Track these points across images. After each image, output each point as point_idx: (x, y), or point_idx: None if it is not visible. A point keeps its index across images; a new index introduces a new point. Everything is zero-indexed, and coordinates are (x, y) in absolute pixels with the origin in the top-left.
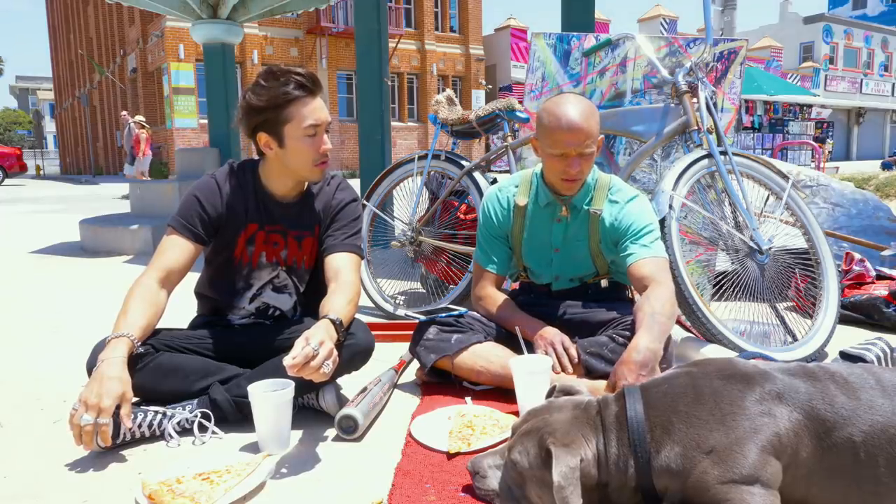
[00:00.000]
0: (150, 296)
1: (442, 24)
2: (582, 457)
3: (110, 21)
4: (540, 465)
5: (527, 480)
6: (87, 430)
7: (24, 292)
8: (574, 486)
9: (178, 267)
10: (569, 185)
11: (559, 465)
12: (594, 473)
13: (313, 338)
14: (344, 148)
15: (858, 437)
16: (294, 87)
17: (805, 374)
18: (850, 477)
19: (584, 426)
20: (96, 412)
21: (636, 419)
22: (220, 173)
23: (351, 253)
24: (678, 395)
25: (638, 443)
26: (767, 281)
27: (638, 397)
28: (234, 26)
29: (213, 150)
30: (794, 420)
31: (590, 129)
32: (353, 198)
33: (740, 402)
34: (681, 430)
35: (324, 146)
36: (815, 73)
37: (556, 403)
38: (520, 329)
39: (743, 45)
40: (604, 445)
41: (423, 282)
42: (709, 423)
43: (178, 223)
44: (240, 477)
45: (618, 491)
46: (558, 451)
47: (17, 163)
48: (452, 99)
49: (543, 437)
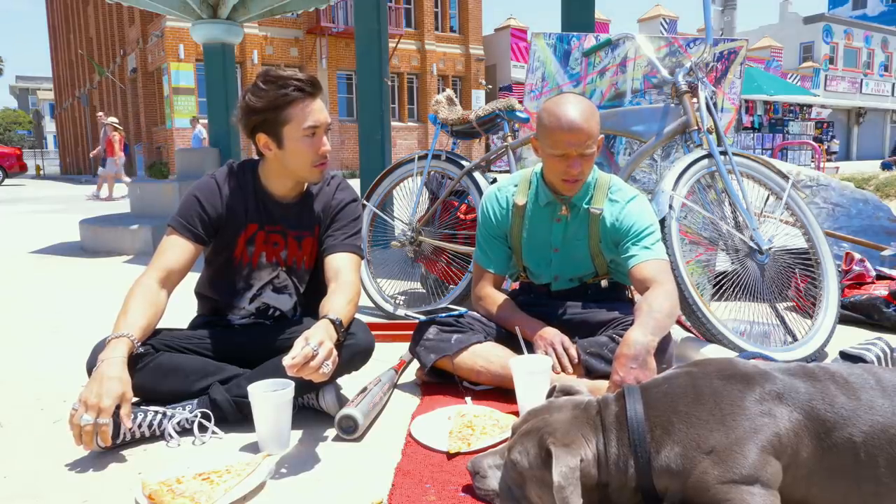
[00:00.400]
0: (151, 296)
1: (442, 24)
2: (582, 457)
3: (110, 21)
4: (540, 466)
5: (527, 480)
6: (86, 430)
7: (24, 292)
8: (574, 486)
9: (179, 267)
10: (569, 185)
11: (559, 466)
12: (594, 473)
13: (313, 338)
14: (344, 148)
15: (859, 438)
16: (293, 89)
17: (805, 374)
18: (850, 477)
19: (584, 426)
20: (96, 412)
21: (636, 419)
22: (220, 173)
23: (351, 253)
24: (678, 395)
25: (638, 443)
26: (767, 281)
27: (638, 397)
28: (234, 26)
29: (213, 150)
30: (795, 420)
31: (590, 130)
32: (352, 198)
33: (740, 403)
34: (681, 431)
35: (323, 147)
36: (815, 73)
37: (556, 403)
38: (520, 329)
39: (743, 45)
40: (604, 445)
41: (423, 282)
42: (709, 424)
43: (178, 223)
44: (240, 477)
45: (618, 491)
46: (558, 451)
47: (17, 163)
48: (452, 99)
49: (543, 438)
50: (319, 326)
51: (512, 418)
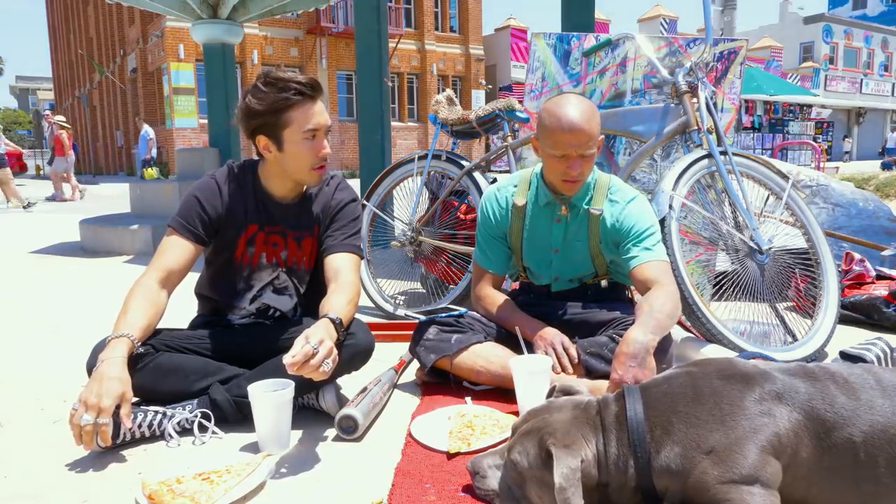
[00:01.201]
0: (151, 296)
1: (442, 24)
2: (583, 458)
3: (110, 21)
4: (540, 466)
5: (527, 480)
6: (87, 430)
7: (24, 292)
8: (575, 487)
9: (179, 267)
10: (569, 185)
11: (560, 467)
12: (594, 474)
13: (313, 336)
14: (344, 148)
15: (858, 438)
16: (294, 92)
17: (805, 374)
18: (849, 477)
19: (585, 426)
20: (96, 412)
21: (636, 419)
22: (220, 174)
23: (350, 253)
24: (678, 395)
25: (638, 443)
26: (767, 281)
27: (638, 397)
28: (234, 26)
29: (213, 150)
30: (794, 420)
31: (591, 131)
32: (352, 198)
33: (740, 403)
34: (681, 431)
35: (323, 150)
36: (815, 73)
37: (556, 403)
38: (520, 329)
39: (743, 45)
40: (604, 446)
41: (423, 282)
42: (709, 424)
43: (178, 224)
44: (240, 477)
45: (618, 491)
46: (559, 451)
47: (17, 163)
48: (452, 99)
49: (544, 438)
50: (319, 325)
51: (512, 418)
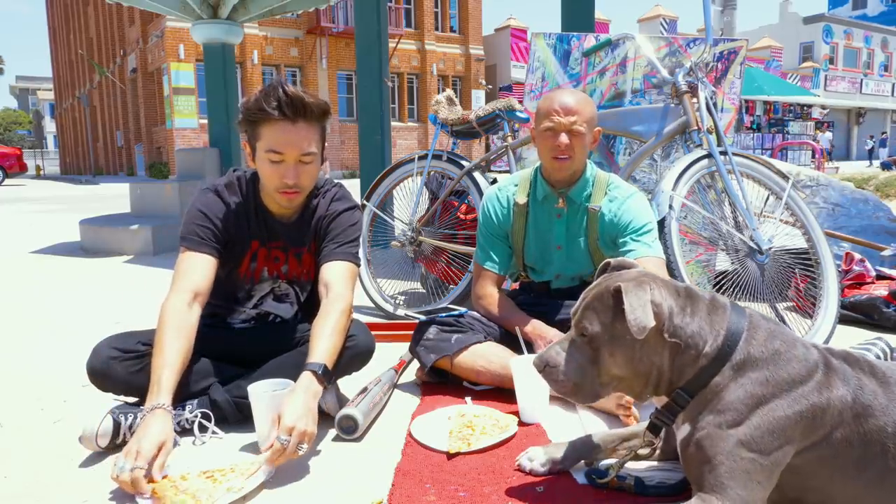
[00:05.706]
0: (184, 326)
1: (442, 24)
2: (653, 298)
3: (110, 21)
4: (609, 318)
5: (600, 346)
6: (122, 478)
7: (24, 292)
8: (645, 306)
9: (207, 285)
10: (559, 164)
11: (629, 297)
12: (667, 324)
13: (286, 417)
14: (344, 148)
15: (891, 429)
16: (275, 107)
17: (848, 359)
18: (877, 467)
19: (661, 286)
20: (133, 458)
21: (738, 326)
22: (222, 188)
23: (344, 261)
24: (778, 334)
25: (734, 332)
26: (767, 281)
27: (746, 315)
28: (234, 26)
29: (213, 151)
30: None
31: (580, 108)
32: (346, 207)
33: (810, 376)
34: (763, 362)
35: (285, 178)
36: (815, 73)
37: (617, 272)
38: (519, 329)
39: (743, 45)
40: (690, 315)
41: (423, 282)
42: (786, 369)
43: (194, 242)
44: (242, 476)
45: (679, 369)
46: (627, 285)
47: (17, 163)
48: (452, 99)
49: (609, 287)
50: (297, 393)
51: (512, 418)
